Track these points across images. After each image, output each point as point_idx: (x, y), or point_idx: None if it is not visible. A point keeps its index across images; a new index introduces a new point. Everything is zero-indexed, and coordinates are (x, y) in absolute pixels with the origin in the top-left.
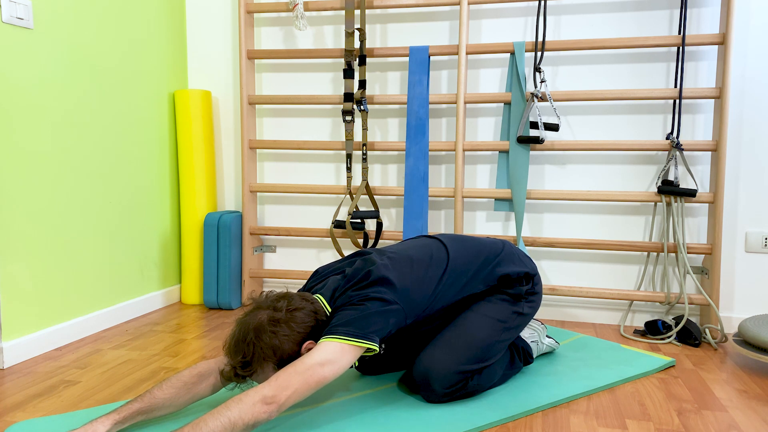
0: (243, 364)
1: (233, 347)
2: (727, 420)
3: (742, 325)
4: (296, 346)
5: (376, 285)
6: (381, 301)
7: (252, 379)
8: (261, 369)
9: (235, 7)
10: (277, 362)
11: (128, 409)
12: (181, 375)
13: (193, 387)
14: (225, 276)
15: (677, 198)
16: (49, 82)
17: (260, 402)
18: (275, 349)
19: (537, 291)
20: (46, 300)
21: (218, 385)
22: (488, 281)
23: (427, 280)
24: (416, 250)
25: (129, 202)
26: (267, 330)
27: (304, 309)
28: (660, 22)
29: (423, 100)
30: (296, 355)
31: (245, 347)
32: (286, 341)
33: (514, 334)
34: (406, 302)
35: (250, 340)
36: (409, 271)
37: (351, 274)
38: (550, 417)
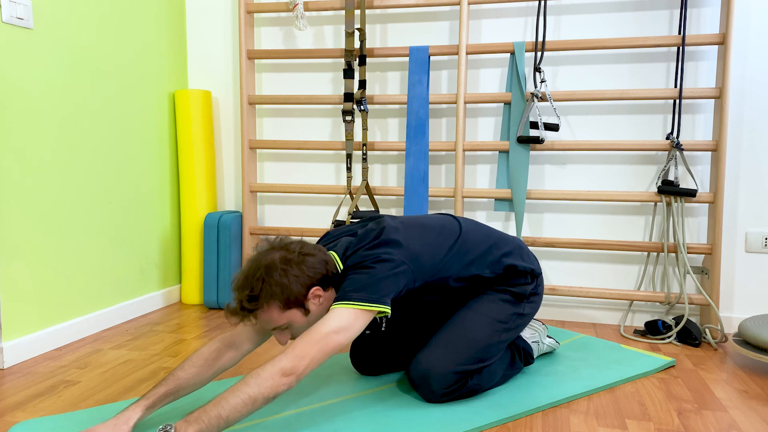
0: (250, 297)
1: (242, 282)
2: (727, 420)
3: (742, 325)
4: (304, 289)
5: (386, 246)
6: (391, 262)
7: (256, 317)
8: (267, 306)
9: (235, 7)
10: (284, 303)
11: (155, 393)
12: (200, 353)
13: (214, 362)
14: (225, 276)
15: (677, 198)
16: (49, 82)
17: (279, 375)
18: (283, 288)
19: (539, 292)
20: (46, 300)
21: (238, 357)
22: (495, 268)
23: (436, 246)
24: (429, 219)
25: (129, 202)
26: (278, 268)
27: (316, 256)
28: (660, 22)
29: (423, 100)
30: (303, 299)
31: (254, 282)
32: (295, 282)
33: (513, 335)
34: (415, 264)
35: (260, 276)
36: (420, 235)
37: (363, 234)
38: (550, 417)
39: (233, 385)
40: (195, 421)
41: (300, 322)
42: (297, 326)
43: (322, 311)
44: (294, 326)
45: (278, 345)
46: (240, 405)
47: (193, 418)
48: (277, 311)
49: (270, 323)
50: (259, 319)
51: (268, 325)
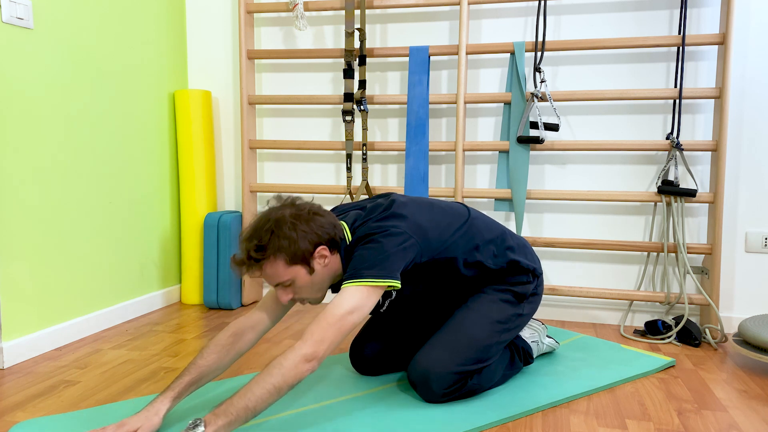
0: (257, 247)
1: (250, 233)
2: (727, 420)
3: (742, 325)
4: (311, 246)
5: (395, 219)
6: (399, 236)
7: (261, 268)
8: (273, 258)
9: (235, 7)
10: (290, 257)
11: (180, 384)
12: (218, 339)
13: (231, 348)
14: (225, 276)
15: (677, 198)
16: (48, 82)
17: (301, 361)
18: (291, 242)
19: (538, 292)
20: (46, 300)
21: (255, 338)
22: (499, 261)
23: (444, 225)
24: (438, 200)
25: (129, 202)
26: (287, 222)
27: (325, 218)
28: (660, 22)
29: (423, 100)
30: (309, 256)
31: (263, 233)
32: (303, 238)
33: (512, 335)
34: (422, 238)
35: (269, 228)
36: (428, 211)
37: (371, 207)
38: (550, 417)
39: (257, 375)
40: (223, 414)
41: (304, 280)
42: (300, 285)
43: (325, 274)
44: (297, 284)
45: (280, 344)
46: (266, 395)
47: (221, 411)
48: (282, 265)
49: (274, 277)
50: (264, 272)
51: (272, 279)
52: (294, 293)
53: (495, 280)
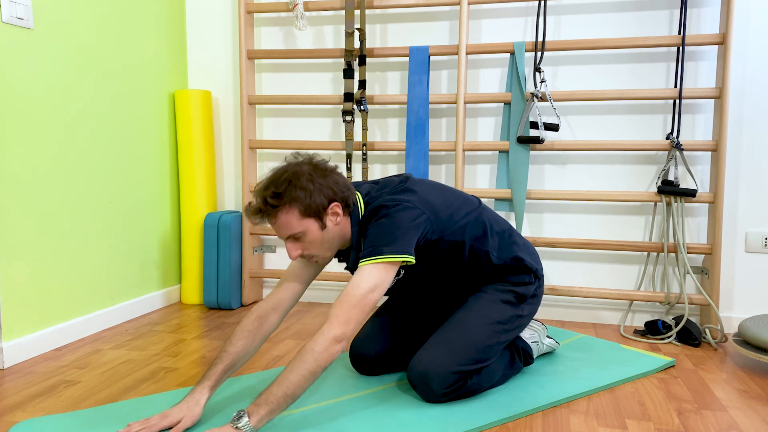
0: (274, 194)
1: (268, 181)
2: (727, 420)
3: (742, 325)
4: (326, 201)
5: (407, 193)
6: (412, 210)
7: (276, 217)
8: (288, 208)
9: (235, 7)
10: (304, 209)
11: (215, 372)
12: (243, 325)
13: (257, 331)
14: (225, 276)
15: (677, 198)
16: (48, 82)
17: (332, 343)
18: (307, 194)
19: (538, 294)
20: (46, 300)
21: (280, 318)
22: (504, 255)
23: (455, 207)
24: (452, 188)
25: (129, 202)
26: (305, 174)
27: (341, 178)
28: (660, 22)
29: (423, 100)
30: (322, 211)
31: (280, 182)
32: (319, 192)
33: (512, 336)
34: (433, 215)
35: (287, 178)
36: (441, 192)
37: (385, 182)
38: (550, 417)
39: (290, 363)
40: (264, 403)
41: (315, 235)
42: (310, 239)
43: (336, 233)
44: (308, 238)
45: (280, 344)
46: (302, 380)
47: (262, 401)
48: (296, 216)
49: (287, 228)
50: (278, 221)
51: (284, 230)
52: (304, 249)
53: (497, 277)
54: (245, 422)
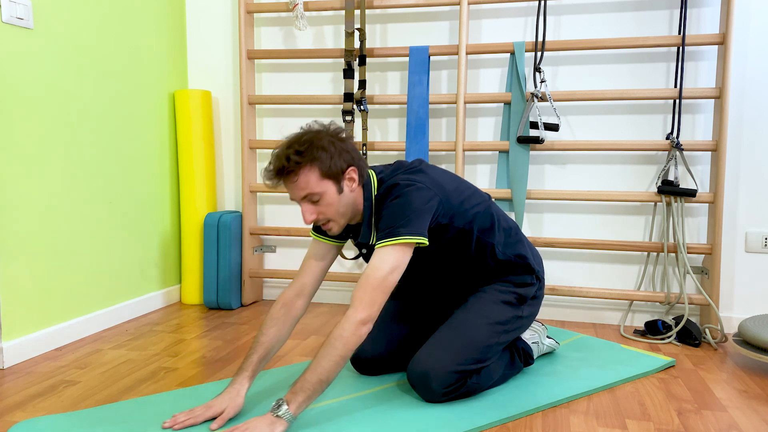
0: (297, 152)
1: (290, 141)
2: (727, 420)
3: (742, 325)
4: (345, 165)
5: (421, 174)
6: (426, 191)
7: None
8: (309, 167)
9: (235, 7)
10: (324, 171)
11: (252, 362)
12: (271, 314)
13: (286, 318)
14: (225, 276)
15: (677, 198)
16: (48, 82)
17: (359, 326)
18: (328, 155)
19: (539, 296)
20: (46, 300)
21: (305, 304)
22: (508, 251)
23: (465, 195)
24: (463, 179)
25: (129, 202)
26: (326, 137)
27: (356, 148)
28: (660, 22)
29: (423, 100)
30: (341, 174)
31: (302, 142)
32: (338, 155)
33: (512, 337)
34: (444, 197)
35: (309, 139)
36: (451, 179)
37: (398, 164)
38: (550, 417)
39: (320, 351)
40: (300, 391)
41: (332, 198)
42: (327, 202)
43: (350, 200)
44: (324, 201)
45: None
46: (334, 366)
47: (298, 389)
48: (316, 176)
49: (305, 188)
50: (298, 180)
51: (302, 190)
52: (319, 213)
53: (499, 274)
54: (285, 410)
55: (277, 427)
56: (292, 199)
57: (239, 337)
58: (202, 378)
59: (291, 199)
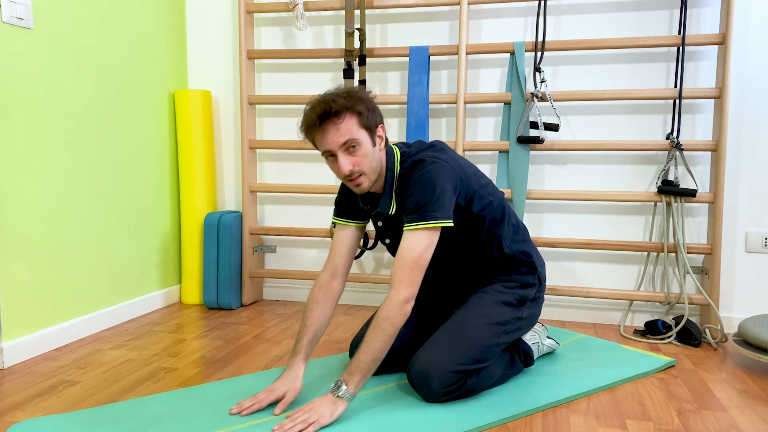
0: (346, 96)
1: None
2: (727, 420)
3: (742, 325)
4: (380, 120)
5: (444, 153)
6: (450, 170)
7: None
8: (352, 114)
9: (235, 7)
10: (363, 121)
11: (303, 346)
12: (311, 298)
13: (326, 299)
14: (225, 276)
15: (677, 198)
16: (49, 82)
17: (402, 305)
18: (367, 107)
19: (539, 298)
20: (46, 300)
21: (342, 283)
22: (514, 247)
23: (482, 183)
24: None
25: (129, 202)
26: (363, 92)
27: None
28: (660, 22)
29: (423, 100)
30: (374, 129)
31: (344, 91)
32: (374, 110)
33: (511, 338)
34: (464, 176)
35: (349, 89)
36: (470, 165)
37: (419, 142)
38: (550, 417)
39: (369, 332)
40: (357, 371)
41: (366, 148)
42: (363, 153)
43: (379, 158)
44: (360, 151)
45: (280, 344)
46: (384, 345)
47: (354, 369)
48: (356, 123)
49: (347, 132)
50: (342, 124)
51: (343, 135)
52: (355, 163)
53: (503, 270)
54: (344, 390)
55: (338, 406)
56: (327, 150)
57: (239, 337)
58: (202, 378)
59: (323, 153)
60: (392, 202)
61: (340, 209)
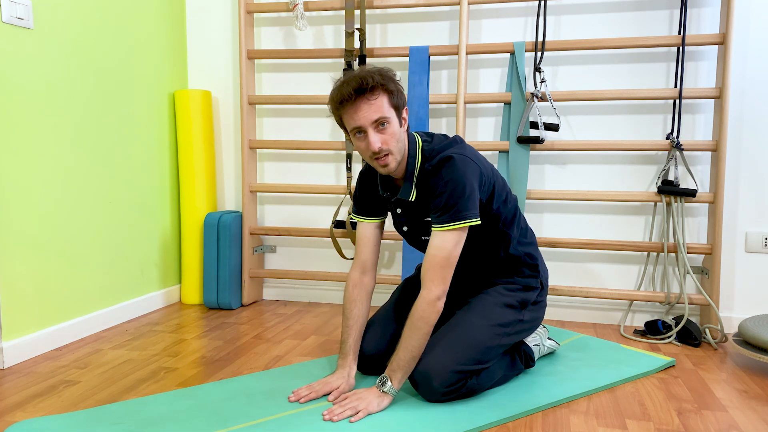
0: (381, 75)
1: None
2: (727, 420)
3: (742, 325)
4: (405, 103)
5: (468, 150)
6: (475, 167)
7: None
8: (383, 92)
9: (235, 7)
10: (393, 101)
11: (351, 345)
12: (348, 297)
13: (362, 295)
14: (225, 276)
15: (677, 198)
16: (48, 82)
17: (435, 302)
18: (397, 89)
19: (540, 301)
20: (46, 300)
21: (373, 277)
22: (520, 249)
23: (499, 183)
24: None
25: (129, 202)
26: (392, 74)
27: None
28: (660, 22)
29: (423, 100)
30: (401, 110)
31: (377, 69)
32: (402, 92)
33: (513, 340)
34: (488, 177)
35: (380, 69)
36: (488, 163)
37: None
38: (550, 417)
39: (406, 331)
40: (398, 368)
41: (395, 127)
42: (391, 131)
43: (403, 138)
44: (389, 129)
45: (280, 344)
46: (421, 342)
47: (395, 367)
48: (387, 102)
49: (379, 110)
50: (375, 101)
51: (376, 111)
52: (384, 141)
53: (507, 271)
54: (389, 386)
55: (384, 400)
56: (358, 126)
57: (239, 337)
58: (202, 378)
59: (352, 129)
60: (413, 188)
61: (359, 206)
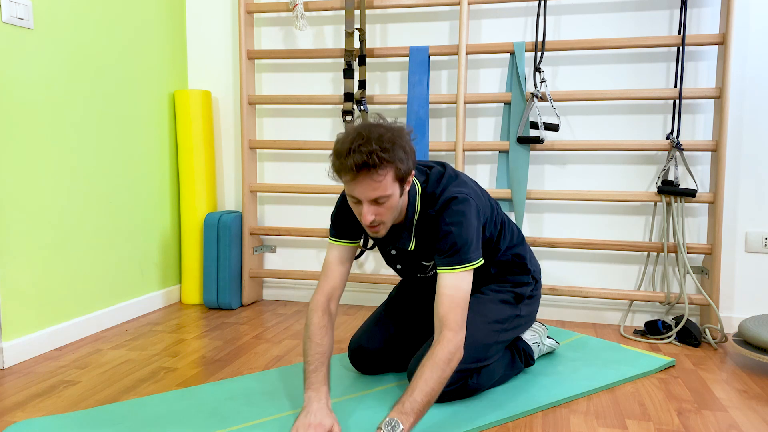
0: (383, 149)
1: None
2: (727, 420)
3: (742, 325)
4: (413, 166)
5: (465, 186)
6: (474, 206)
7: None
8: (388, 168)
9: (235, 7)
10: (398, 174)
11: (321, 376)
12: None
13: (329, 323)
14: (225, 276)
15: (677, 198)
16: (48, 82)
17: (459, 348)
18: (406, 158)
19: (535, 295)
20: (46, 300)
21: (337, 306)
22: (507, 252)
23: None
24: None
25: (129, 202)
26: (407, 137)
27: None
28: (660, 22)
29: (423, 100)
30: (406, 178)
31: (385, 139)
32: (411, 158)
33: (511, 336)
34: (486, 211)
35: (392, 137)
36: (479, 187)
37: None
38: (550, 417)
39: (428, 372)
40: (411, 412)
41: (395, 201)
42: (389, 205)
43: (403, 203)
44: (388, 204)
45: (280, 344)
46: (439, 387)
47: (408, 410)
48: (391, 178)
49: (381, 188)
50: (377, 178)
51: (376, 190)
52: (379, 214)
53: (498, 277)
54: (401, 430)
55: None
56: (356, 197)
57: (239, 337)
58: (202, 378)
59: (351, 196)
60: (412, 238)
61: (337, 229)
